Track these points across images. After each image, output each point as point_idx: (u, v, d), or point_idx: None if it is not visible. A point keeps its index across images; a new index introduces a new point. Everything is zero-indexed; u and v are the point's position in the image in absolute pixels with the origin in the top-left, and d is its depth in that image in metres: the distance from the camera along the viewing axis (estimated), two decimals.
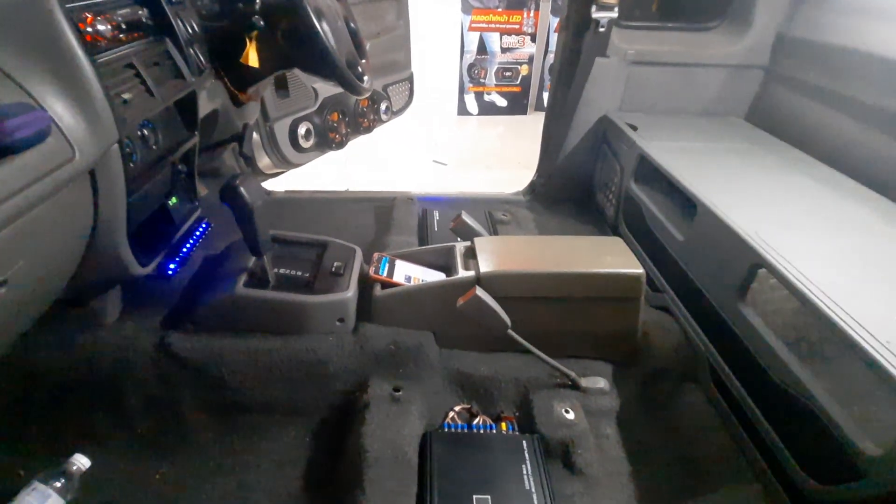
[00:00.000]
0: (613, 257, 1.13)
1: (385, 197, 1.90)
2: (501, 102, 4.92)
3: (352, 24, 1.46)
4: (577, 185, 1.95)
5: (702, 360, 1.18)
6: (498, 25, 4.62)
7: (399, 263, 1.17)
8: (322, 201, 1.95)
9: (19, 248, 0.60)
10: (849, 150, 1.45)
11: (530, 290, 1.08)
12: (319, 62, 1.13)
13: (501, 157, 3.91)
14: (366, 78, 1.37)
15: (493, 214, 1.87)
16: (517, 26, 4.63)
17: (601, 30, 1.61)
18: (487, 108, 4.89)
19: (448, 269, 1.17)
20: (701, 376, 1.18)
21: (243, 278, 1.05)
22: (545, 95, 4.56)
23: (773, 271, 0.95)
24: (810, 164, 1.43)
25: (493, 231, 1.78)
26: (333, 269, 1.12)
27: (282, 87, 1.86)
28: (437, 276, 1.17)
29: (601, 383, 1.12)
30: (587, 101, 1.77)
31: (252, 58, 1.14)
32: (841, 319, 0.80)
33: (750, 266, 1.02)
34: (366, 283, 1.13)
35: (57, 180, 0.61)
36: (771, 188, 1.28)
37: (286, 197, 2.01)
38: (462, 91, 4.84)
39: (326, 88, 2.16)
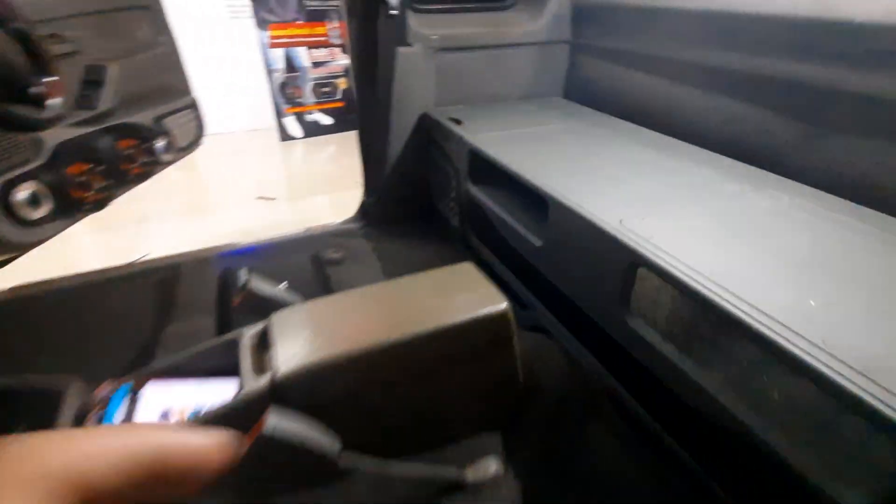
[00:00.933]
0: (467, 294, 0.83)
1: (165, 265, 1.38)
2: (327, 121, 4.53)
3: (16, 25, 0.95)
4: (412, 197, 1.66)
5: (596, 386, 0.96)
6: (302, 39, 4.22)
7: (151, 390, 0.72)
8: (71, 292, 1.36)
9: None
10: (664, 109, 1.39)
11: (365, 378, 0.72)
12: None
13: (337, 178, 3.52)
14: (52, 103, 0.89)
15: (322, 255, 1.49)
16: (324, 38, 4.28)
17: (394, 13, 1.33)
18: (313, 129, 4.46)
19: (235, 377, 0.75)
20: (600, 407, 0.95)
21: None
22: None
23: (655, 269, 0.74)
24: (640, 133, 1.33)
25: (324, 278, 1.40)
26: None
27: None
28: (225, 391, 0.74)
29: (493, 467, 0.81)
30: (400, 99, 1.49)
31: None
32: (757, 321, 0.61)
33: (626, 266, 0.80)
34: None
35: None
36: (615, 167, 1.12)
37: (12, 297, 1.36)
38: (280, 115, 4.33)
39: (60, 131, 1.55)
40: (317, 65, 4.29)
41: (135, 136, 1.83)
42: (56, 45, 1.23)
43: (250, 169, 3.77)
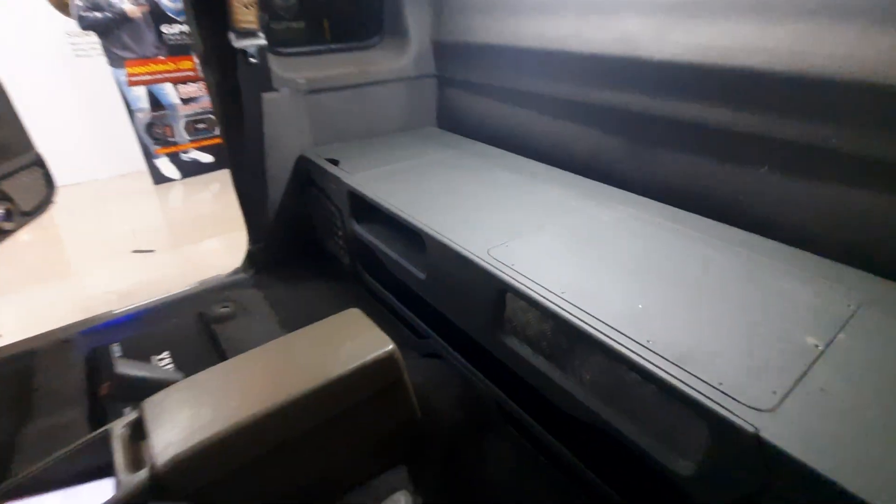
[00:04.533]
0: (356, 341, 0.85)
1: (14, 354, 1.22)
2: (207, 158, 4.26)
3: None
4: (298, 240, 1.65)
5: (488, 404, 1.03)
6: (167, 75, 3.94)
7: None
8: None
9: None
10: (520, 133, 1.54)
11: (255, 448, 0.71)
12: None
13: (224, 218, 3.32)
14: None
15: (209, 313, 1.41)
16: (192, 73, 4.04)
17: (253, 61, 1.32)
18: (191, 168, 4.17)
19: (108, 477, 0.70)
20: (493, 421, 1.03)
21: None
22: None
23: (518, 294, 0.83)
24: (502, 158, 1.46)
25: (212, 338, 1.33)
26: None
27: None
28: (98, 496, 0.68)
29: (402, 500, 0.85)
30: (272, 144, 1.47)
31: None
32: (596, 329, 0.71)
33: (495, 293, 0.88)
34: None
35: None
36: (483, 194, 1.21)
37: None
38: (150, 156, 3.99)
39: None
40: (187, 101, 4.03)
41: None
42: None
43: (121, 218, 3.42)
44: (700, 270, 0.84)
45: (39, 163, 1.97)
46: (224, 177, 4.13)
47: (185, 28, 3.84)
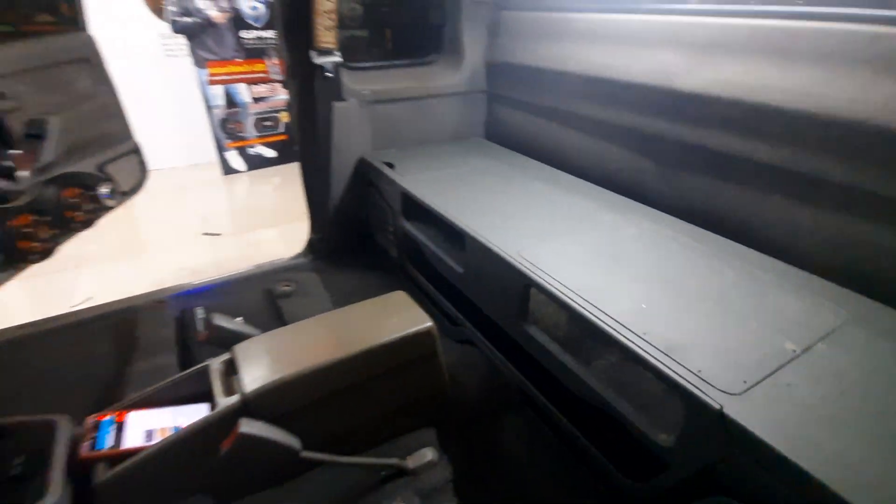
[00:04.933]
0: (399, 316, 1.02)
1: (122, 309, 1.48)
2: (270, 153, 4.61)
3: None
4: (354, 232, 1.85)
5: (511, 387, 1.17)
6: (242, 76, 4.31)
7: (133, 417, 0.85)
8: (27, 340, 1.42)
9: None
10: (561, 149, 1.67)
11: (317, 392, 0.90)
12: None
13: (283, 210, 3.61)
14: (21, 175, 1.01)
15: (274, 289, 1.63)
16: (263, 74, 4.40)
17: (328, 75, 1.53)
18: (256, 162, 4.53)
19: (209, 397, 0.90)
20: (513, 401, 1.17)
21: None
22: None
23: (541, 289, 0.97)
24: (542, 171, 1.60)
25: (277, 310, 1.54)
26: (18, 468, 0.75)
27: None
28: (197, 414, 0.89)
29: (428, 455, 1.01)
30: (339, 146, 1.68)
31: None
32: (603, 322, 0.84)
33: (522, 287, 1.03)
34: (82, 468, 0.78)
35: None
36: (521, 202, 1.36)
37: None
38: (221, 149, 4.37)
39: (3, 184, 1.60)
40: (258, 100, 4.39)
41: (79, 184, 1.90)
42: None
43: (194, 204, 3.79)
44: (704, 281, 0.96)
45: (137, 150, 2.29)
46: (283, 171, 4.46)
47: (261, 34, 4.20)
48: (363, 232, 1.87)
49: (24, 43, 1.57)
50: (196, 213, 3.58)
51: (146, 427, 0.84)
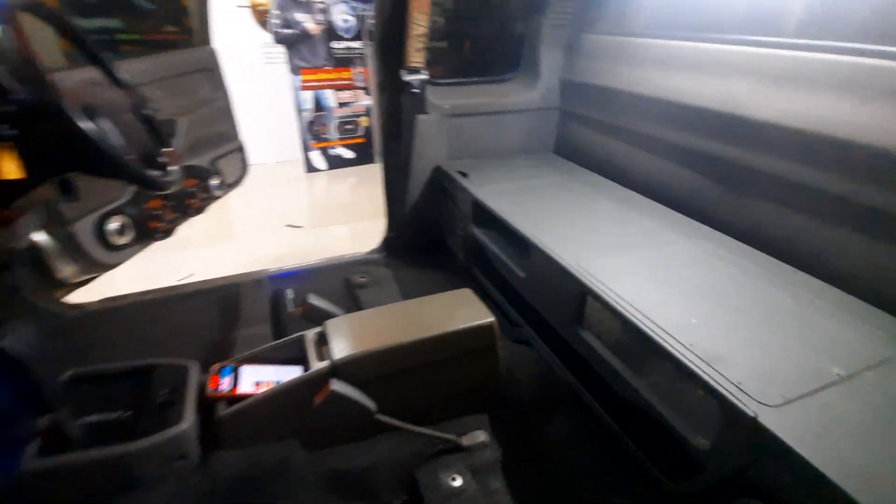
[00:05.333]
0: (465, 310, 1.16)
1: (228, 284, 1.73)
2: (349, 154, 4.94)
3: (146, 112, 1.32)
4: (426, 234, 2.01)
5: (563, 387, 1.26)
6: (330, 82, 4.68)
7: (245, 370, 1.05)
8: (151, 304, 1.70)
9: None
10: (628, 168, 1.73)
11: (391, 366, 1.05)
12: (101, 164, 0.99)
13: (357, 207, 3.89)
14: (172, 169, 1.25)
15: (352, 279, 1.82)
16: (349, 81, 4.74)
17: (415, 91, 1.70)
18: (336, 162, 4.87)
19: (303, 360, 1.08)
20: (563, 400, 1.26)
21: (36, 444, 0.84)
22: None
23: (597, 297, 1.06)
24: (607, 187, 1.67)
25: (354, 297, 1.73)
26: (163, 398, 0.96)
27: (68, 191, 1.61)
28: (293, 373, 1.07)
29: (481, 436, 1.13)
30: (418, 154, 1.85)
31: (9, 170, 0.95)
32: (652, 331, 0.92)
33: (579, 295, 1.12)
34: (208, 403, 0.98)
35: None
36: (584, 215, 1.44)
37: (103, 308, 1.71)
38: (306, 149, 4.75)
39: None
40: (342, 105, 4.74)
41: (196, 175, 2.22)
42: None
43: (279, 198, 4.17)
44: (758, 303, 1.00)
45: (241, 148, 2.61)
46: (359, 172, 4.77)
47: (350, 44, 4.53)
48: (434, 234, 2.03)
49: (163, 55, 1.88)
50: (280, 206, 3.92)
51: (255, 378, 1.03)
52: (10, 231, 1.11)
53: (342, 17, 4.48)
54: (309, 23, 4.27)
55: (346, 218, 3.69)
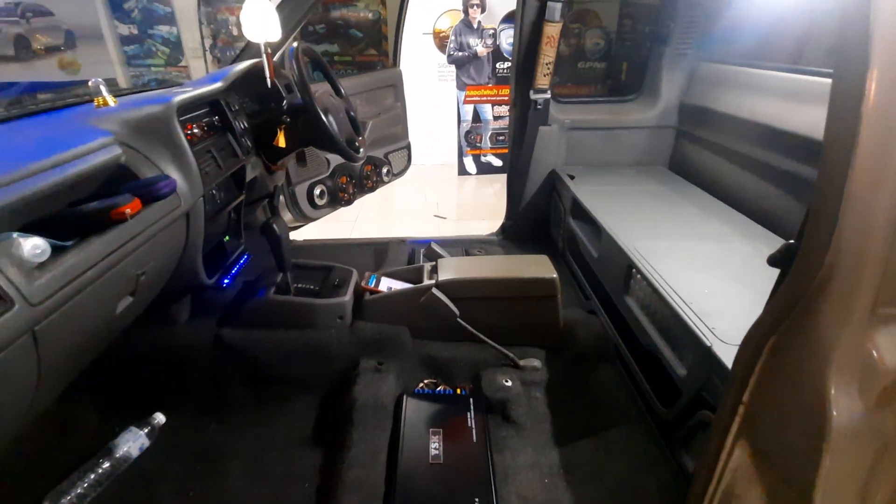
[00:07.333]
0: (536, 267, 1.55)
1: (382, 241, 2.38)
2: (497, 163, 5.51)
3: (352, 113, 2.01)
4: (536, 225, 2.40)
5: (609, 344, 1.56)
6: (489, 98, 5.31)
7: (384, 279, 1.61)
8: (331, 246, 2.44)
9: (153, 253, 1.06)
10: (733, 186, 1.88)
11: (474, 292, 1.50)
12: (327, 142, 1.64)
13: (496, 209, 4.40)
14: (361, 150, 1.89)
15: (469, 251, 2.32)
16: (507, 98, 5.32)
17: (539, 108, 2.13)
18: (485, 168, 5.49)
19: (420, 281, 1.60)
20: (608, 357, 1.55)
21: (273, 289, 1.50)
22: None
23: (638, 270, 1.36)
24: (700, 197, 1.86)
25: None
26: (336, 283, 1.57)
27: (301, 159, 2.41)
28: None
29: (535, 363, 1.50)
30: (538, 160, 2.27)
31: (281, 141, 1.66)
32: (661, 288, 1.21)
33: (627, 267, 1.43)
34: (359, 292, 1.57)
35: (173, 216, 1.08)
36: (659, 215, 1.70)
37: (304, 244, 2.50)
38: (461, 154, 5.46)
39: (336, 158, 2.71)
40: (496, 118, 5.35)
41: (373, 164, 2.96)
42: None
43: (432, 193, 4.93)
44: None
45: (408, 147, 3.31)
46: (504, 179, 5.30)
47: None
48: (543, 227, 2.41)
49: (364, 75, 2.62)
50: (432, 200, 4.64)
51: (389, 285, 1.58)
52: (276, 175, 1.86)
53: (509, 40, 5.08)
54: (479, 46, 4.95)
55: (485, 216, 4.24)
